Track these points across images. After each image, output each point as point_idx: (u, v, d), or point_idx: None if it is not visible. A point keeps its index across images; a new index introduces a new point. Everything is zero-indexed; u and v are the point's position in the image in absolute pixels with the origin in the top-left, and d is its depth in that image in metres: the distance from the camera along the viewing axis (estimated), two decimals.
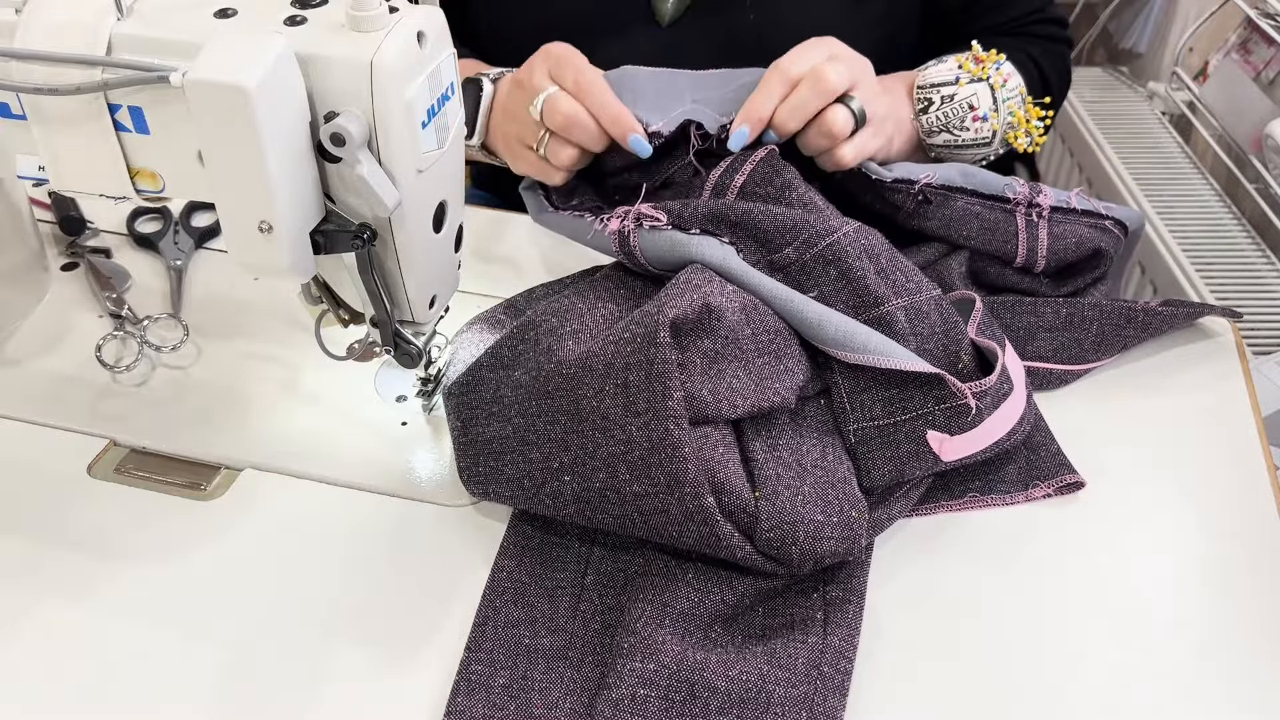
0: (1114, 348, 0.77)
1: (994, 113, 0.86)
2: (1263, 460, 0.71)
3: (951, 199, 0.80)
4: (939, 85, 0.86)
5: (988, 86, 0.86)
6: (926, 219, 0.81)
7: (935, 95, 0.86)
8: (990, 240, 0.80)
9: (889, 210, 0.82)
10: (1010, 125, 0.87)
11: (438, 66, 0.58)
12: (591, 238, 0.77)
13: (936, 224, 0.81)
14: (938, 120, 0.86)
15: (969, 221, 0.80)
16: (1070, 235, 0.79)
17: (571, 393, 0.62)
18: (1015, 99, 0.87)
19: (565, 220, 0.81)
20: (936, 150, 0.89)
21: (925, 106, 0.87)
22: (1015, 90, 0.87)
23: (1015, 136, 0.87)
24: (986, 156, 0.89)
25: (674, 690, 0.56)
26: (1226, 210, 1.50)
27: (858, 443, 0.67)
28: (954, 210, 0.80)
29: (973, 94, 0.86)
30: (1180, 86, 1.65)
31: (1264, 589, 0.64)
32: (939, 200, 0.80)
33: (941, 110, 0.86)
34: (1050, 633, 0.61)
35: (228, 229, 0.58)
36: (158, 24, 0.57)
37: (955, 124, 0.86)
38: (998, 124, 0.86)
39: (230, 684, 0.58)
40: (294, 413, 0.74)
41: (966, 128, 0.86)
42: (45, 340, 0.79)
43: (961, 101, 0.86)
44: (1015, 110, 0.87)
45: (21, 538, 0.65)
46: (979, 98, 0.86)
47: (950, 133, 0.87)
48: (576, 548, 0.65)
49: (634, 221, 0.74)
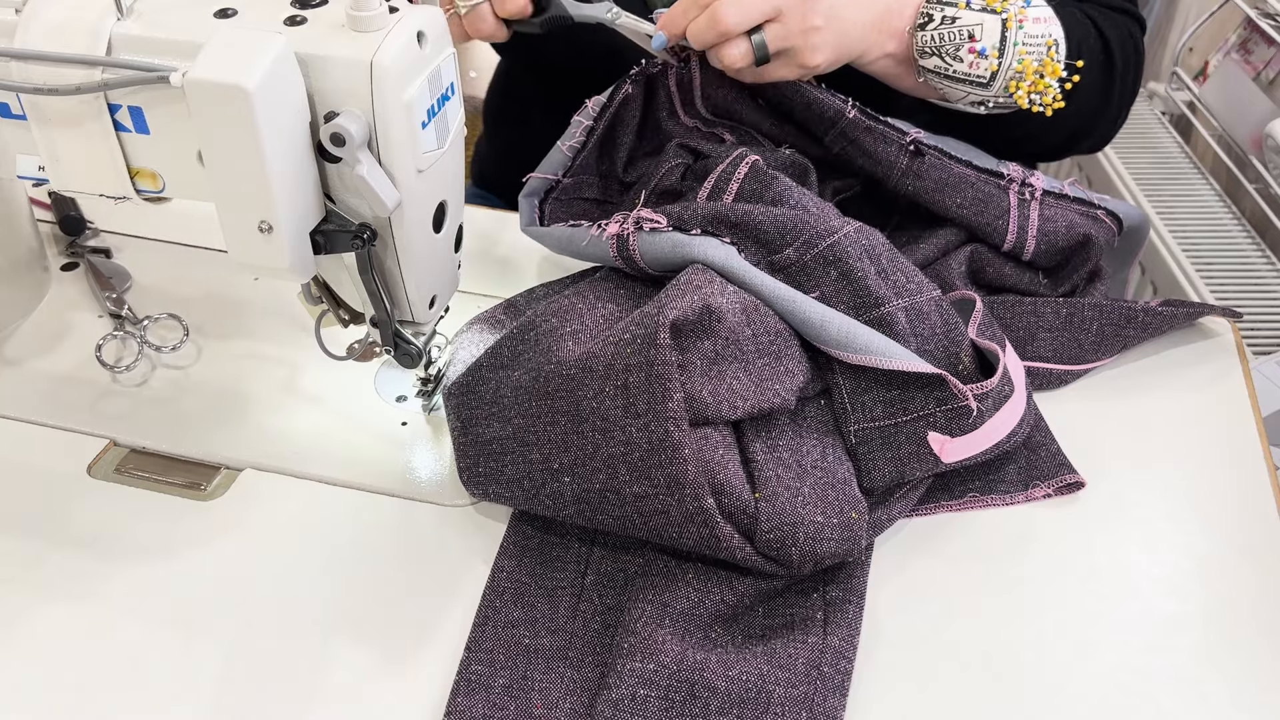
0: (1114, 348, 0.77)
1: (995, 51, 0.77)
2: (1263, 460, 0.71)
3: (946, 163, 0.80)
4: (945, 3, 0.78)
5: (999, 21, 0.76)
6: (920, 178, 0.80)
7: (938, 12, 0.78)
8: (981, 213, 0.80)
9: (884, 170, 0.81)
10: (1016, 74, 0.78)
11: (438, 66, 0.58)
12: (587, 244, 0.76)
13: (930, 185, 0.80)
14: (931, 40, 0.78)
15: (963, 189, 0.80)
16: (1060, 219, 0.79)
17: (571, 394, 0.62)
18: (1034, 47, 0.77)
19: (558, 231, 0.79)
20: (926, 75, 0.81)
21: (924, 22, 0.79)
22: (1038, 38, 0.77)
23: (1018, 86, 0.78)
24: (983, 101, 0.81)
25: (674, 690, 0.56)
26: (1226, 210, 1.51)
27: (858, 443, 0.67)
28: (949, 175, 0.80)
29: (978, 23, 0.76)
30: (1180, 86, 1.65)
31: (1264, 589, 0.64)
32: (933, 161, 0.80)
33: (938, 30, 0.78)
34: (1050, 633, 0.61)
35: (228, 229, 0.58)
36: (158, 24, 0.57)
37: (949, 50, 0.78)
38: (998, 65, 0.77)
39: (230, 684, 0.58)
40: (294, 413, 0.74)
41: (960, 58, 0.78)
42: (45, 340, 0.79)
43: (962, 27, 0.77)
44: (1026, 58, 0.77)
45: (21, 538, 0.65)
46: (984, 29, 0.76)
47: (941, 58, 0.78)
48: (576, 548, 0.65)
49: (633, 225, 0.74)
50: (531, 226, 0.82)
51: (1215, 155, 1.54)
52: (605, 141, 0.86)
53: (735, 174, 0.77)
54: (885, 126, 0.80)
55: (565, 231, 0.78)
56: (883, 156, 0.81)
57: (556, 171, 0.85)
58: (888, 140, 0.80)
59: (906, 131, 0.80)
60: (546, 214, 0.85)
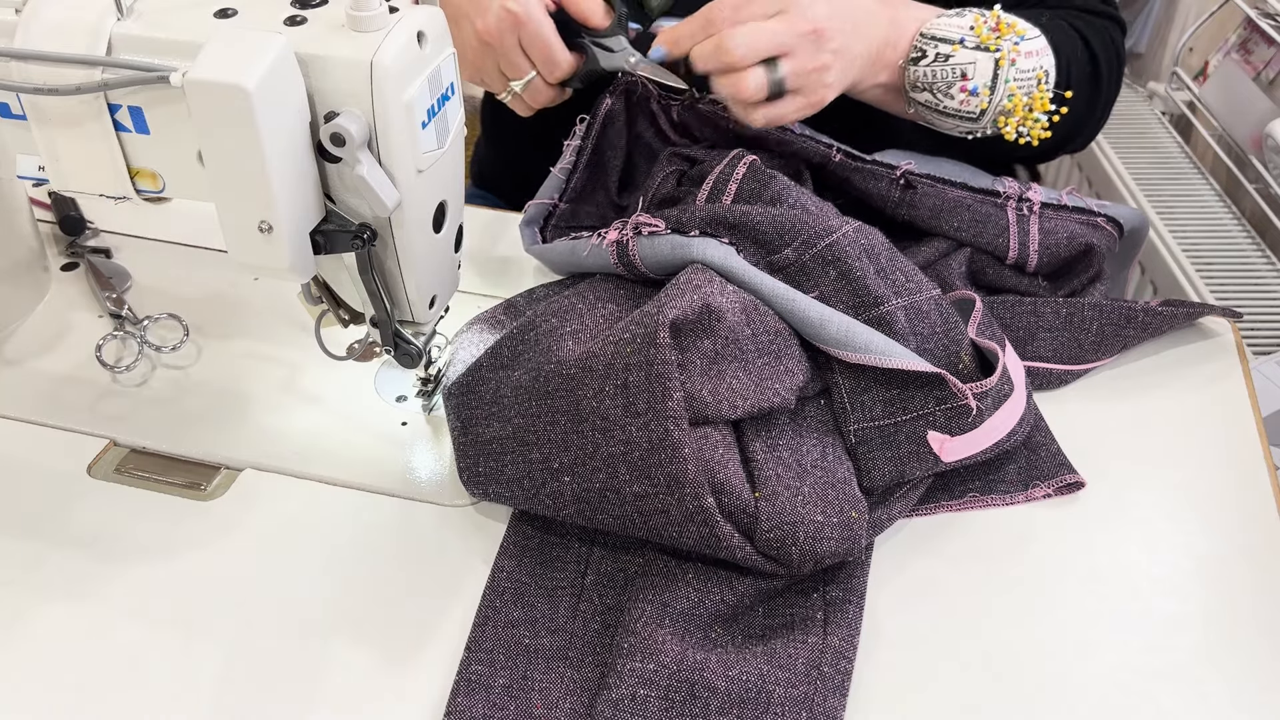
0: (1114, 348, 0.77)
1: (987, 90, 0.78)
2: (1263, 460, 0.71)
3: (940, 189, 0.80)
4: (940, 40, 0.78)
5: (992, 60, 0.77)
6: (914, 208, 0.81)
7: (931, 49, 0.79)
8: (981, 233, 0.80)
9: (878, 203, 0.82)
10: (1005, 111, 0.79)
11: (438, 66, 0.58)
12: (589, 254, 0.76)
13: (926, 214, 0.81)
14: (924, 77, 0.79)
15: (959, 212, 0.80)
16: (1061, 230, 0.80)
17: (571, 393, 0.62)
18: (1024, 83, 0.78)
19: (561, 245, 0.80)
20: (916, 106, 0.82)
21: (918, 57, 0.79)
22: (1029, 73, 0.78)
23: (1006, 122, 0.80)
24: (972, 132, 0.82)
25: (674, 690, 0.56)
26: (1226, 210, 1.50)
27: (858, 443, 0.67)
28: (944, 200, 0.80)
29: (971, 62, 0.77)
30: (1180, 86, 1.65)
31: (1264, 589, 0.64)
32: (926, 189, 0.80)
33: (930, 68, 0.78)
34: (1050, 633, 0.61)
35: (228, 229, 0.58)
36: (158, 24, 0.57)
37: (940, 87, 0.79)
38: (988, 104, 0.78)
39: (230, 684, 0.58)
40: (294, 413, 0.74)
41: (951, 95, 0.79)
42: (45, 340, 0.79)
43: (955, 65, 0.78)
44: (1016, 95, 0.78)
45: (21, 538, 0.65)
46: (976, 69, 0.77)
47: (933, 94, 0.79)
48: (576, 548, 0.65)
49: (632, 230, 0.74)
50: (535, 245, 0.83)
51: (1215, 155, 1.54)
52: (595, 166, 0.87)
53: (734, 174, 0.78)
54: (873, 165, 0.81)
55: (567, 245, 0.79)
56: (874, 191, 0.82)
57: (552, 195, 0.86)
58: (877, 177, 0.81)
59: (896, 165, 0.81)
60: (548, 239, 0.85)
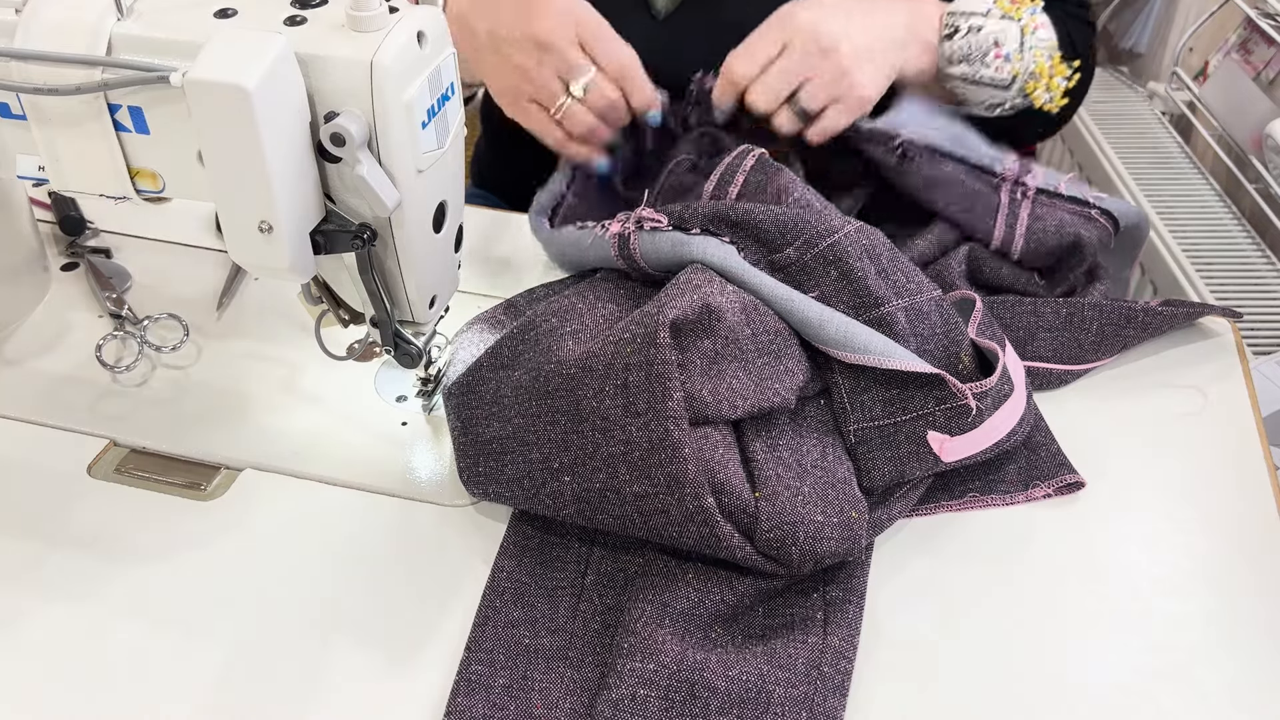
0: (1114, 348, 0.77)
1: (1018, 55, 0.84)
2: (1263, 460, 0.71)
3: (936, 161, 0.81)
4: (969, 13, 0.84)
5: (1018, 27, 0.84)
6: (907, 175, 0.82)
7: (963, 23, 0.84)
8: (970, 210, 0.81)
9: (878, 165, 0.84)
10: (1033, 74, 0.85)
11: (438, 66, 0.58)
12: (591, 244, 0.76)
13: (920, 183, 0.82)
14: (960, 49, 0.84)
15: (952, 187, 0.81)
16: (1050, 219, 0.80)
17: (571, 393, 0.62)
18: (1043, 49, 0.85)
19: (567, 232, 0.80)
20: (952, 82, 0.86)
21: (950, 33, 0.85)
22: (1045, 41, 0.85)
23: (1035, 87, 0.86)
24: (1001, 104, 0.87)
25: (674, 690, 0.56)
26: (1226, 210, 1.50)
27: (858, 443, 0.67)
28: (939, 173, 0.81)
29: (1001, 30, 0.83)
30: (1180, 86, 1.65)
31: (1264, 589, 0.64)
32: (924, 160, 0.81)
33: (965, 40, 0.84)
34: (1050, 633, 0.61)
35: (228, 229, 0.58)
36: (158, 24, 0.57)
37: (976, 56, 0.84)
38: (1019, 68, 0.84)
39: (230, 684, 0.58)
40: (294, 413, 0.74)
41: (988, 64, 0.84)
42: (45, 340, 0.79)
43: (987, 35, 0.84)
44: (1040, 60, 0.85)
45: (21, 538, 0.65)
46: (1006, 35, 0.83)
47: (969, 64, 0.84)
48: (576, 548, 0.65)
49: (635, 224, 0.74)
50: (541, 231, 0.83)
51: (1215, 155, 1.54)
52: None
53: (742, 165, 0.78)
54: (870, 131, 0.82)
55: (573, 234, 0.79)
56: (874, 155, 0.83)
57: (560, 185, 0.86)
58: (876, 141, 0.82)
59: (896, 134, 0.81)
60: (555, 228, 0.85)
